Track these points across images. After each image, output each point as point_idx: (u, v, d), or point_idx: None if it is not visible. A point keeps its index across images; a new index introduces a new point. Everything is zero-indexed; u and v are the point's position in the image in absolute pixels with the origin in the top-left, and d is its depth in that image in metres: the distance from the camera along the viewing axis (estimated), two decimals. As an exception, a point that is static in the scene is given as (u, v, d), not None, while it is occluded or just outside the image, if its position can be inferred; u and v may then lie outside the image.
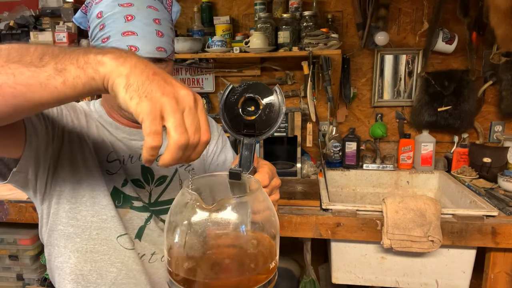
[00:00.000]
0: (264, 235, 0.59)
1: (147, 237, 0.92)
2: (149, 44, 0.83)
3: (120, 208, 0.89)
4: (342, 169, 2.15)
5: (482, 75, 2.06)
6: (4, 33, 2.12)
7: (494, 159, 1.88)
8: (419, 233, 1.44)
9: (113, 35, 0.82)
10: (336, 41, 1.84)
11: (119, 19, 0.82)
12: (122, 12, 0.82)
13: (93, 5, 0.86)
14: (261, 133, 0.65)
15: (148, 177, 0.94)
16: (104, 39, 0.83)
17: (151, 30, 0.83)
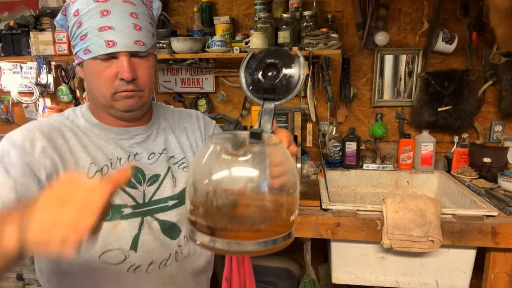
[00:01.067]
0: (286, 187, 0.58)
1: (143, 247, 0.90)
2: (126, 38, 0.83)
3: (110, 221, 0.87)
4: (342, 169, 2.15)
5: (482, 75, 2.06)
6: (4, 33, 2.12)
7: (494, 159, 1.88)
8: (419, 233, 1.44)
9: (90, 31, 0.82)
10: (336, 41, 1.84)
11: (95, 15, 0.82)
12: (97, 7, 0.82)
13: (71, 5, 0.86)
14: (280, 98, 0.67)
15: (139, 177, 0.93)
16: (82, 37, 0.83)
17: (128, 24, 0.83)
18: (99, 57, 0.83)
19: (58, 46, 2.04)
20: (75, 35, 0.86)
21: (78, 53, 0.87)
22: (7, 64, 2.39)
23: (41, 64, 2.07)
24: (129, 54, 0.84)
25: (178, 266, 0.96)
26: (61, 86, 2.40)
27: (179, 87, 2.31)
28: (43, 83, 2.37)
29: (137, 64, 0.86)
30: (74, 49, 0.88)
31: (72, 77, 2.10)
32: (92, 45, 0.83)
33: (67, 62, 2.08)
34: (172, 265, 0.95)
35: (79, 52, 0.86)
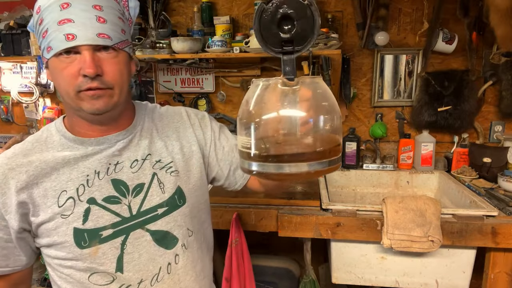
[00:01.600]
0: (334, 112, 0.66)
1: (129, 266, 0.87)
2: (87, 30, 0.76)
3: (88, 247, 0.84)
4: (342, 169, 2.15)
5: (482, 75, 2.06)
6: (4, 33, 2.12)
7: (494, 159, 1.88)
8: (419, 233, 1.44)
9: (50, 26, 0.77)
10: (336, 41, 1.84)
11: (55, 9, 0.76)
12: (58, 1, 0.77)
13: (35, 4, 0.81)
14: (299, 49, 0.67)
15: (122, 189, 0.87)
16: (44, 34, 0.78)
17: (90, 16, 0.77)
18: (61, 53, 0.77)
19: (58, 46, 2.04)
20: (38, 34, 0.80)
21: (44, 53, 0.80)
22: (7, 64, 2.39)
23: (41, 64, 2.07)
24: (92, 48, 0.77)
25: (172, 278, 0.92)
26: (61, 86, 2.40)
27: (179, 87, 2.31)
28: (43, 83, 2.37)
29: (103, 60, 0.79)
30: (40, 50, 0.82)
31: (72, 77, 2.10)
32: (53, 41, 0.77)
33: (67, 62, 2.07)
34: (165, 278, 0.91)
35: (44, 52, 0.80)
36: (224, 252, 1.59)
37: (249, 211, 1.61)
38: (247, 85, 2.24)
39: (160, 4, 2.13)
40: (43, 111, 2.46)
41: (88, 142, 0.87)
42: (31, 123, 2.52)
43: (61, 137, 0.88)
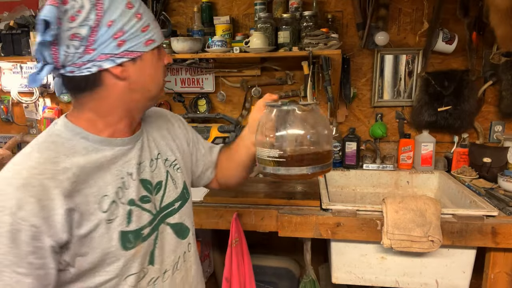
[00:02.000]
0: (327, 127, 0.98)
1: (158, 259, 0.91)
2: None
3: (133, 248, 0.83)
4: (342, 169, 2.15)
5: (482, 75, 2.06)
6: (4, 33, 2.12)
7: (494, 159, 1.88)
8: (419, 233, 1.44)
9: (151, 22, 0.82)
10: (336, 41, 1.84)
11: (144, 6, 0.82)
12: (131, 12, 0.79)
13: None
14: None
15: (149, 188, 0.91)
16: (145, 28, 0.80)
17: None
18: (158, 46, 0.84)
19: (58, 46, 2.04)
20: (132, 29, 0.77)
21: (134, 47, 0.78)
22: (7, 64, 2.39)
23: (41, 64, 2.07)
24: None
25: (185, 265, 1.00)
26: (61, 86, 2.40)
27: (179, 87, 2.31)
28: (43, 83, 2.37)
29: None
30: (124, 46, 0.77)
31: (72, 77, 2.10)
32: (155, 35, 0.82)
33: (67, 62, 2.07)
34: (181, 265, 0.98)
35: (137, 46, 0.79)
36: (224, 252, 1.59)
37: (249, 211, 1.61)
38: (247, 85, 2.24)
39: (160, 4, 2.13)
40: (43, 111, 2.46)
41: (114, 143, 0.84)
42: (31, 123, 2.52)
43: (81, 139, 0.81)
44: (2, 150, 2.18)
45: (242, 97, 2.29)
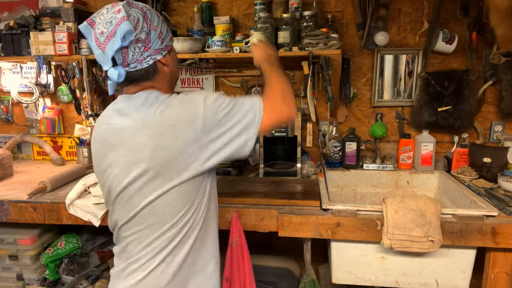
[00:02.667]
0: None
1: None
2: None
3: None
4: (342, 169, 2.15)
5: (482, 75, 2.06)
6: (4, 33, 2.12)
7: (494, 159, 1.88)
8: (419, 233, 1.44)
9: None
10: (336, 41, 1.84)
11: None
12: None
13: (149, 10, 1.05)
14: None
15: None
16: (168, 28, 1.10)
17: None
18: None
19: (58, 46, 2.04)
20: (165, 27, 1.07)
21: (168, 42, 1.08)
22: (7, 64, 2.39)
23: (41, 64, 2.07)
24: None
25: None
26: (61, 86, 2.40)
27: (179, 87, 2.31)
28: (43, 83, 2.37)
29: None
30: (164, 42, 1.06)
31: (72, 77, 2.10)
32: (171, 34, 1.12)
33: (67, 62, 2.07)
34: None
35: (168, 41, 1.08)
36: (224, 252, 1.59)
37: (249, 211, 1.61)
38: (247, 85, 2.24)
39: (160, 4, 2.13)
40: (43, 111, 2.46)
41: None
42: (31, 123, 2.52)
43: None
44: (2, 150, 2.18)
45: (242, 97, 2.28)
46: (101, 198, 1.67)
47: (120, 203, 1.06)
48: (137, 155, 0.99)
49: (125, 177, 1.01)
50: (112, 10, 0.98)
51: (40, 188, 1.81)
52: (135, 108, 1.03)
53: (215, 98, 1.01)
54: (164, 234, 1.02)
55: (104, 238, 2.08)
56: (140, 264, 1.04)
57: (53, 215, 1.73)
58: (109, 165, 1.05)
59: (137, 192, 1.01)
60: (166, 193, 0.99)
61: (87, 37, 1.04)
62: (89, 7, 2.30)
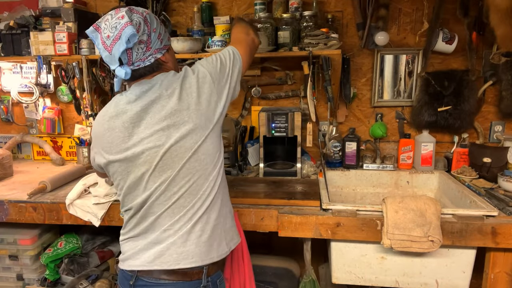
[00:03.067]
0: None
1: None
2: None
3: None
4: (342, 169, 2.15)
5: (482, 75, 2.06)
6: (4, 33, 2.12)
7: (494, 159, 1.88)
8: (419, 233, 1.44)
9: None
10: (336, 41, 1.84)
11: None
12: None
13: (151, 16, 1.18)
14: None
15: None
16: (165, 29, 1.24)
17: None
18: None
19: (58, 46, 2.04)
20: (163, 28, 1.20)
21: (166, 42, 1.21)
22: (7, 64, 2.39)
23: (41, 64, 2.07)
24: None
25: None
26: (61, 86, 2.40)
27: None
28: (43, 83, 2.37)
29: None
30: (163, 42, 1.19)
31: (72, 77, 2.10)
32: (168, 34, 1.25)
33: (67, 62, 2.07)
34: None
35: (166, 41, 1.21)
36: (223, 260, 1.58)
37: (249, 211, 1.61)
38: (247, 85, 2.24)
39: (160, 4, 2.13)
40: (43, 111, 2.46)
41: None
42: (31, 123, 2.52)
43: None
44: (2, 150, 2.18)
45: (242, 97, 2.29)
46: (101, 198, 1.68)
47: (162, 167, 1.15)
48: (173, 119, 1.13)
49: (167, 141, 1.13)
50: (116, 16, 1.11)
51: (40, 188, 1.81)
52: (159, 82, 1.17)
53: (208, 62, 1.24)
54: (209, 178, 1.18)
55: (104, 238, 2.08)
56: (196, 210, 1.17)
57: (53, 215, 1.74)
58: (137, 143, 1.14)
59: (181, 149, 1.14)
60: (205, 140, 1.16)
61: (94, 41, 1.15)
62: (89, 7, 2.31)
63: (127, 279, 1.19)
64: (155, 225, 1.17)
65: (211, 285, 1.20)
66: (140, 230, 1.19)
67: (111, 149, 1.18)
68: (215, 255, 1.21)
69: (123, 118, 1.16)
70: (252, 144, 2.20)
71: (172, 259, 1.14)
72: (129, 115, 1.15)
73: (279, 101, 2.27)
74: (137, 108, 1.15)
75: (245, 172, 2.11)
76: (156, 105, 1.14)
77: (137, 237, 1.20)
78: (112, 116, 1.18)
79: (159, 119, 1.13)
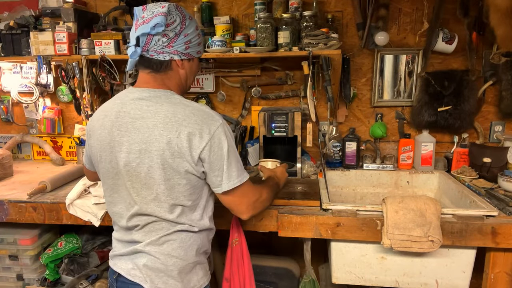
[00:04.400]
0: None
1: None
2: None
3: None
4: (342, 169, 2.15)
5: (482, 75, 2.06)
6: (4, 33, 2.12)
7: (494, 159, 1.88)
8: (419, 233, 1.44)
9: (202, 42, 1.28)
10: (336, 41, 1.84)
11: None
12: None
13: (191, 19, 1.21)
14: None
15: None
16: (200, 43, 1.25)
17: None
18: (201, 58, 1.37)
19: (58, 46, 2.04)
20: (197, 40, 1.21)
21: (192, 53, 1.21)
22: (7, 64, 2.39)
23: (41, 64, 2.07)
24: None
25: None
26: (61, 86, 2.40)
27: (179, 87, 2.31)
28: (43, 83, 2.37)
29: None
30: (188, 50, 1.19)
31: (72, 77, 2.10)
32: (202, 50, 1.28)
33: (67, 62, 2.07)
34: None
35: (193, 52, 1.21)
36: (224, 252, 1.59)
37: (249, 211, 1.61)
38: (247, 85, 2.24)
39: (160, 4, 2.13)
40: (43, 111, 2.46)
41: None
42: (31, 123, 2.52)
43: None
44: (2, 150, 2.18)
45: (242, 97, 2.29)
46: (101, 198, 1.68)
47: (137, 185, 1.15)
48: (151, 145, 1.10)
49: (138, 162, 1.12)
50: (160, 5, 1.14)
51: (40, 188, 1.81)
52: (156, 101, 1.15)
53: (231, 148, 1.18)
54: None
55: (104, 238, 2.08)
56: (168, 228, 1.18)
57: (53, 215, 1.74)
58: (119, 146, 1.15)
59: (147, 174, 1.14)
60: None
61: (134, 19, 1.17)
62: (89, 7, 2.31)
63: (112, 272, 1.29)
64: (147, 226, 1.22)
65: None
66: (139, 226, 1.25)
67: (101, 147, 1.21)
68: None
69: (114, 120, 1.17)
70: (252, 144, 2.20)
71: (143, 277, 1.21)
72: (121, 120, 1.16)
73: (279, 101, 2.27)
74: (128, 116, 1.15)
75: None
76: (143, 122, 1.13)
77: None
78: (106, 115, 1.20)
79: (140, 139, 1.12)
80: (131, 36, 1.15)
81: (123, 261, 1.23)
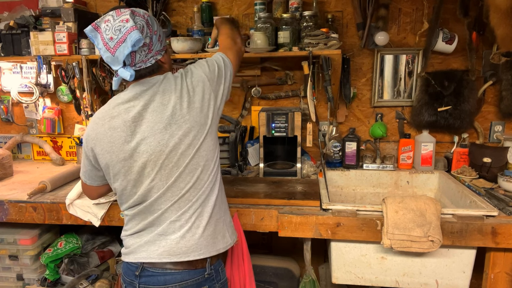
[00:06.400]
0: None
1: None
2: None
3: None
4: (342, 169, 2.15)
5: (482, 75, 2.06)
6: (4, 33, 2.12)
7: (494, 159, 1.88)
8: (419, 233, 1.44)
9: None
10: (336, 41, 1.84)
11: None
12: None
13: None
14: None
15: None
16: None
17: None
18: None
19: (58, 46, 2.04)
20: (161, 33, 1.22)
21: (164, 43, 1.24)
22: (7, 64, 2.39)
23: (41, 64, 2.07)
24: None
25: None
26: (61, 86, 2.40)
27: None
28: (43, 83, 2.37)
29: None
30: (162, 43, 1.22)
31: (72, 77, 2.10)
32: (165, 33, 1.44)
33: (67, 62, 2.07)
34: None
35: (164, 42, 1.25)
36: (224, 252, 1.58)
37: (249, 211, 1.61)
38: (247, 85, 2.24)
39: (160, 4, 2.13)
40: (43, 111, 2.46)
41: None
42: (31, 123, 2.52)
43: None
44: (2, 150, 2.18)
45: (242, 97, 2.29)
46: (101, 198, 1.68)
47: (167, 166, 1.18)
48: (175, 117, 1.16)
49: (171, 140, 1.16)
50: (119, 19, 1.11)
51: (40, 188, 1.81)
52: (159, 81, 1.20)
53: (201, 64, 1.30)
54: (210, 172, 1.23)
55: (104, 238, 2.08)
56: (200, 204, 1.22)
57: (53, 215, 1.74)
58: (140, 141, 1.16)
59: (185, 146, 1.18)
60: (206, 137, 1.21)
61: (93, 40, 1.16)
62: (89, 7, 2.31)
63: (132, 270, 1.22)
64: (161, 219, 1.20)
65: (214, 272, 1.25)
66: (145, 225, 1.22)
67: (112, 149, 1.18)
68: (221, 246, 1.27)
69: (124, 117, 1.17)
70: (252, 144, 2.20)
71: (182, 252, 1.19)
72: (131, 114, 1.17)
73: (279, 101, 2.27)
74: (138, 106, 1.17)
75: (245, 172, 2.11)
76: (157, 104, 1.17)
77: (142, 231, 1.23)
78: (113, 116, 1.18)
79: (161, 117, 1.16)
80: (111, 61, 1.13)
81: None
